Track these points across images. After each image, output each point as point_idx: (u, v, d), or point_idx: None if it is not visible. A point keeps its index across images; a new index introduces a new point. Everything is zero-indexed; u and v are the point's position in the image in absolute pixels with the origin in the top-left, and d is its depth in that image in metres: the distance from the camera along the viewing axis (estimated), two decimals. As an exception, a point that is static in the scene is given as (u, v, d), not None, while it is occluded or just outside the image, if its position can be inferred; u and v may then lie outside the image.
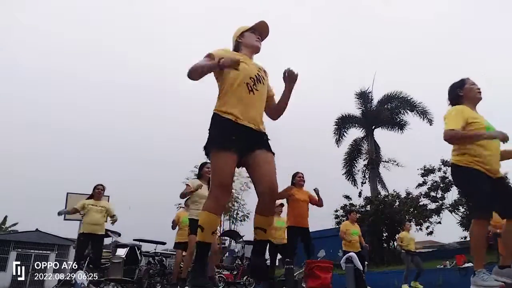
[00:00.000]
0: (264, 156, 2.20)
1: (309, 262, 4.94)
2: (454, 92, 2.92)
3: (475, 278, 2.55)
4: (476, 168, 2.62)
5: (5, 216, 27.01)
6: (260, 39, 2.46)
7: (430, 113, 19.47)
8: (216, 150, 2.11)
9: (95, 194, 6.09)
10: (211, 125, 2.20)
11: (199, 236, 2.14)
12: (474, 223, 2.58)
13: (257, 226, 2.24)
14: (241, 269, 9.59)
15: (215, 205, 2.12)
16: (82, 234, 5.83)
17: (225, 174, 2.09)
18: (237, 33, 2.47)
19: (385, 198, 17.52)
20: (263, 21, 2.44)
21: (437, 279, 8.19)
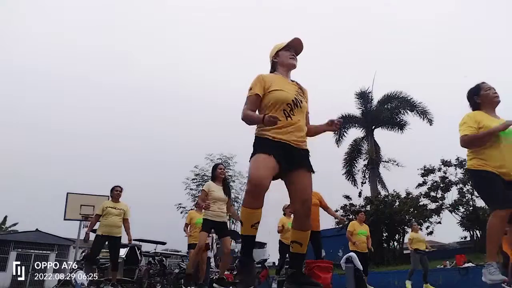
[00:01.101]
0: (303, 175, 2.31)
1: (309, 262, 4.93)
2: (472, 100, 3.00)
3: (485, 269, 2.66)
4: (487, 170, 2.71)
5: (5, 216, 27.05)
6: (295, 56, 2.55)
7: (430, 113, 19.49)
8: (255, 154, 2.24)
9: (113, 195, 6.06)
10: (253, 147, 2.33)
11: (241, 229, 2.26)
12: (492, 215, 2.64)
13: (294, 240, 2.38)
14: (241, 269, 9.58)
15: (250, 199, 2.17)
16: (100, 235, 5.77)
17: (259, 169, 2.14)
18: (272, 53, 2.57)
19: (385, 198, 17.50)
20: (297, 38, 2.54)
21: (437, 279, 8.17)
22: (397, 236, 17.10)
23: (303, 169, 2.32)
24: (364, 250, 6.67)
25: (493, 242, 2.65)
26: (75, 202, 11.45)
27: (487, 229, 2.68)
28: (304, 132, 2.42)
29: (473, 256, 10.92)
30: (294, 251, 2.39)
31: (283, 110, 2.32)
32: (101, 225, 5.81)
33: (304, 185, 2.31)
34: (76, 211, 11.31)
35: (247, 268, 2.34)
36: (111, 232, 5.81)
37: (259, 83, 2.38)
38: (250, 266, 2.37)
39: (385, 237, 17.17)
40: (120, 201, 6.08)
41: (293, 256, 2.43)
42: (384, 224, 16.53)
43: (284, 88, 2.39)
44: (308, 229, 2.40)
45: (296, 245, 2.38)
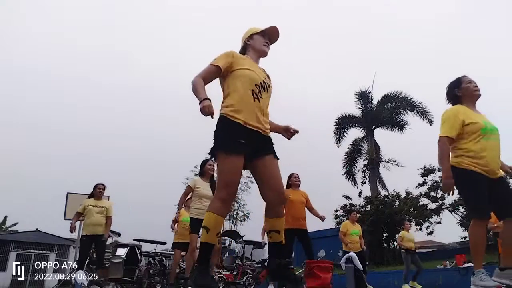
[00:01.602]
0: (271, 162, 2.24)
1: (309, 262, 4.93)
2: (452, 92, 2.92)
3: (474, 278, 2.57)
4: (473, 170, 2.62)
5: (5, 216, 27.07)
6: (268, 44, 2.47)
7: (430, 113, 19.50)
8: (224, 153, 2.12)
9: (96, 193, 6.00)
10: (219, 127, 2.18)
11: (203, 237, 2.15)
12: (473, 224, 2.59)
13: (271, 229, 2.30)
14: (241, 269, 9.59)
15: (221, 206, 2.13)
16: (85, 236, 5.75)
17: (233, 177, 2.11)
18: (246, 34, 2.49)
19: (385, 198, 17.51)
20: (274, 26, 2.46)
21: (437, 279, 8.17)
22: (397, 236, 17.11)
23: (270, 156, 2.25)
24: (357, 249, 6.65)
25: (479, 251, 2.59)
26: (75, 202, 11.40)
27: (470, 238, 2.63)
28: (268, 118, 2.35)
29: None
30: (274, 240, 2.31)
31: (252, 90, 2.22)
32: (84, 225, 5.80)
33: (275, 173, 2.24)
34: (76, 211, 11.28)
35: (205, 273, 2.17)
36: (95, 231, 5.76)
37: (226, 58, 2.26)
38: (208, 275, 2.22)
39: (385, 237, 17.18)
40: (103, 199, 6.05)
41: (275, 246, 2.34)
42: (384, 224, 16.54)
43: (254, 69, 2.30)
44: (283, 215, 2.33)
45: (274, 234, 2.30)
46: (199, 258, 2.22)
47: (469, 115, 2.74)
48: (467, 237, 16.49)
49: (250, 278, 9.02)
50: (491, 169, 2.65)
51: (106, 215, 5.92)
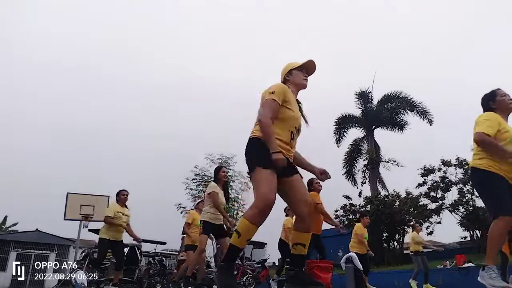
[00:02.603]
0: (298, 179, 2.42)
1: (309, 262, 4.93)
2: (487, 105, 2.99)
3: (484, 272, 2.61)
4: (496, 172, 2.69)
5: (5, 216, 27.07)
6: (306, 78, 2.61)
7: (430, 113, 19.55)
8: (262, 167, 2.23)
9: (121, 199, 5.98)
10: (256, 146, 2.31)
11: (234, 240, 2.25)
12: (500, 219, 2.59)
13: (298, 242, 2.43)
14: (241, 269, 9.59)
15: (258, 217, 2.21)
16: (108, 240, 5.76)
17: (272, 189, 2.21)
18: (285, 70, 2.62)
19: (385, 198, 17.52)
20: (311, 61, 2.59)
21: (437, 279, 8.18)
22: (397, 236, 17.12)
23: (297, 174, 2.42)
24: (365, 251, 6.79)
25: (496, 246, 2.62)
26: (75, 202, 11.44)
27: (490, 233, 2.65)
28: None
29: (473, 256, 10.93)
30: (298, 253, 2.43)
31: (291, 132, 2.41)
32: (108, 229, 5.78)
33: (303, 188, 2.42)
34: (76, 211, 11.30)
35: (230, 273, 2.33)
36: (117, 237, 5.84)
37: (283, 93, 2.39)
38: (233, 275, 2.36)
39: (385, 237, 17.19)
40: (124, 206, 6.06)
41: (297, 257, 2.46)
42: (384, 224, 16.55)
43: (296, 110, 2.47)
44: (311, 231, 2.46)
45: (300, 247, 2.42)
46: (225, 258, 2.33)
47: (504, 124, 2.84)
48: (467, 237, 16.50)
49: (250, 278, 9.02)
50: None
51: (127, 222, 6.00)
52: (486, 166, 2.73)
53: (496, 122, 2.78)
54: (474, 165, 2.83)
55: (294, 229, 2.45)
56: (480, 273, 2.66)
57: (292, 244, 2.46)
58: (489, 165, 2.72)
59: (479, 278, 2.64)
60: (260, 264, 12.61)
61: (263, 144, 2.29)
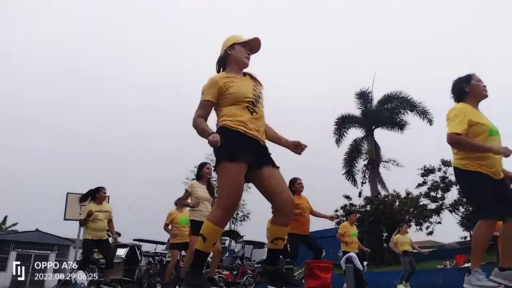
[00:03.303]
0: (275, 172, 2.26)
1: (309, 262, 4.93)
2: (460, 87, 2.84)
3: (470, 277, 2.55)
4: (479, 171, 2.60)
5: (5, 216, 27.07)
6: (249, 56, 2.44)
7: (430, 113, 19.56)
8: (226, 162, 2.11)
9: (99, 197, 5.94)
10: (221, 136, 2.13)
11: (200, 245, 2.16)
12: (481, 224, 2.55)
13: (278, 237, 2.34)
14: (241, 269, 9.59)
15: (222, 217, 2.14)
16: (91, 240, 5.73)
17: (236, 186, 2.12)
18: (227, 43, 2.44)
19: (385, 198, 17.53)
20: (256, 38, 2.43)
21: (437, 279, 8.18)
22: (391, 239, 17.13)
23: (271, 165, 2.26)
24: (356, 250, 6.68)
25: (480, 250, 2.58)
26: (75, 202, 11.40)
27: (473, 237, 2.62)
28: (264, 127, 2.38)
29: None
30: (277, 247, 2.35)
31: (247, 107, 2.25)
32: (89, 229, 5.72)
33: (281, 181, 2.28)
34: (76, 211, 11.26)
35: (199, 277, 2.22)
36: (100, 236, 5.77)
37: (213, 89, 2.27)
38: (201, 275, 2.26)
39: (385, 237, 17.19)
40: (103, 202, 5.99)
41: (276, 252, 2.39)
42: (384, 224, 16.56)
43: (242, 84, 2.32)
44: (289, 225, 2.38)
45: (280, 242, 2.34)
46: (192, 265, 2.23)
47: (476, 115, 2.70)
48: (467, 237, 16.50)
49: (250, 278, 9.03)
50: (496, 171, 2.64)
51: (109, 218, 5.93)
52: (467, 167, 2.64)
53: (467, 116, 2.64)
54: (457, 165, 2.73)
55: (273, 223, 2.33)
56: (465, 279, 2.58)
57: (272, 239, 2.35)
58: (469, 164, 2.63)
59: (465, 284, 2.56)
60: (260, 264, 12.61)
61: (228, 134, 2.15)
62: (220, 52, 2.47)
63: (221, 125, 2.23)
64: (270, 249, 2.39)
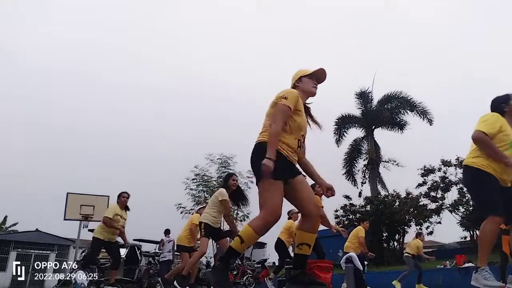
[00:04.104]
0: (303, 180, 2.47)
1: (309, 262, 4.94)
2: (499, 106, 2.96)
3: (477, 274, 2.57)
4: (489, 172, 2.69)
5: (5, 216, 27.08)
6: (316, 85, 2.61)
7: (430, 113, 19.55)
8: (273, 179, 2.24)
9: (121, 202, 5.97)
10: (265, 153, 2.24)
11: (237, 245, 2.32)
12: (489, 220, 2.58)
13: (304, 243, 2.45)
14: (241, 269, 9.60)
15: (263, 228, 2.27)
16: (102, 240, 5.77)
17: (279, 203, 2.26)
18: (295, 77, 2.62)
19: (385, 198, 17.52)
20: (322, 69, 2.60)
21: (437, 279, 8.18)
22: (397, 236, 17.11)
23: (300, 175, 2.48)
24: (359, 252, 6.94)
25: (487, 247, 2.60)
26: (75, 202, 11.46)
27: (481, 235, 2.65)
28: None
29: (473, 256, 10.90)
30: (303, 253, 2.46)
31: (298, 140, 2.42)
32: (104, 230, 5.77)
33: (309, 189, 2.47)
34: (76, 211, 11.32)
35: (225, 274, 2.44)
36: (112, 238, 5.85)
37: (295, 99, 2.39)
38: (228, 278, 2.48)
39: (385, 237, 17.20)
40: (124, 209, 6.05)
41: (301, 257, 2.49)
42: (384, 224, 16.54)
43: (304, 118, 2.48)
44: (316, 231, 2.50)
45: (305, 247, 2.45)
46: (223, 258, 2.41)
47: (506, 127, 2.84)
48: (467, 237, 16.47)
49: (250, 278, 9.03)
50: (505, 179, 2.73)
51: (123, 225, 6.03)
52: (479, 165, 2.72)
53: (499, 123, 2.78)
54: (468, 163, 2.83)
55: (300, 228, 2.47)
56: (473, 276, 2.61)
57: (297, 244, 2.47)
58: (483, 164, 2.71)
59: (472, 282, 2.60)
60: (260, 264, 12.62)
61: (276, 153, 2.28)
62: (291, 86, 2.65)
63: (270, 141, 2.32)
64: (296, 253, 2.51)
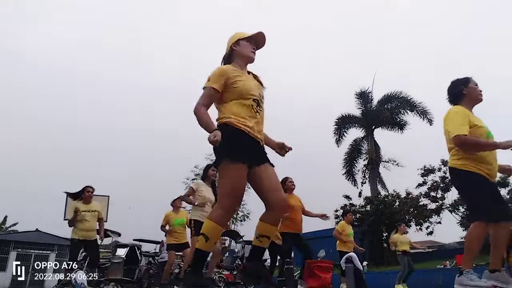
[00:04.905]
0: (270, 170, 2.25)
1: (309, 262, 4.94)
2: (458, 88, 2.86)
3: (462, 277, 2.55)
4: (477, 172, 2.61)
5: (5, 216, 27.07)
6: (255, 50, 2.43)
7: (430, 113, 19.58)
8: (229, 162, 2.09)
9: (85, 197, 5.78)
10: (224, 134, 2.06)
11: (201, 244, 2.14)
12: (477, 225, 2.56)
13: (264, 234, 2.27)
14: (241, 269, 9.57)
15: (223, 215, 2.14)
16: (77, 240, 5.65)
17: (239, 187, 2.12)
18: (232, 40, 2.43)
19: (385, 198, 17.53)
20: (261, 32, 2.42)
21: (437, 279, 8.18)
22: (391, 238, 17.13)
23: (268, 164, 2.26)
24: (351, 249, 6.68)
25: (473, 251, 2.58)
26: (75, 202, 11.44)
27: (468, 237, 2.62)
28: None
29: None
30: (263, 245, 2.28)
31: (251, 106, 2.23)
32: (77, 230, 5.64)
33: (275, 179, 2.27)
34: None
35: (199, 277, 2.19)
36: (88, 236, 5.68)
37: (219, 75, 2.23)
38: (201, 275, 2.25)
39: (385, 237, 17.19)
40: (92, 202, 5.85)
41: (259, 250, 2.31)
42: (384, 224, 16.56)
43: (248, 81, 2.29)
44: (278, 224, 2.37)
45: (265, 240, 2.27)
46: (192, 264, 2.20)
47: (474, 118, 2.73)
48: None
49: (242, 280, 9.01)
50: (493, 173, 2.67)
51: (98, 217, 5.82)
52: (464, 167, 2.64)
53: (467, 118, 2.67)
54: (453, 165, 2.74)
55: (262, 219, 2.26)
56: (456, 279, 2.58)
57: (257, 236, 2.28)
58: (467, 165, 2.63)
59: (456, 285, 2.56)
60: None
61: (231, 132, 2.12)
62: (226, 50, 2.46)
63: (225, 122, 2.18)
64: (254, 245, 2.32)
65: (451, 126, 2.68)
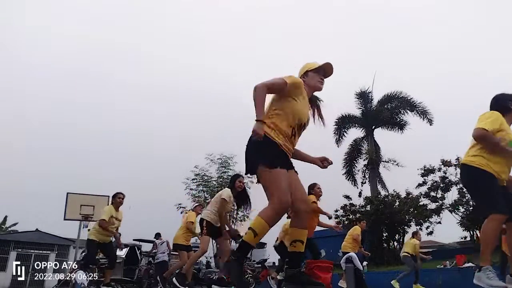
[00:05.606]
0: (295, 175, 2.47)
1: (309, 262, 4.94)
2: (505, 103, 2.95)
3: (481, 273, 2.56)
4: (488, 171, 2.68)
5: (5, 216, 27.09)
6: (322, 80, 2.61)
7: (430, 113, 19.55)
8: (268, 167, 2.24)
9: (116, 203, 5.88)
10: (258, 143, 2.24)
11: (249, 238, 2.26)
12: (491, 218, 2.58)
13: (297, 239, 2.43)
14: (241, 269, 9.56)
15: (274, 218, 2.25)
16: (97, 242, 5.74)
17: (285, 189, 2.23)
18: (301, 71, 2.62)
19: (385, 198, 17.52)
20: (329, 63, 2.59)
21: (437, 279, 8.19)
22: (397, 236, 17.11)
23: (293, 170, 2.47)
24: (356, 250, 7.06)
25: (490, 246, 2.60)
26: (75, 202, 11.44)
27: (483, 233, 2.64)
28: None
29: (473, 256, 10.93)
30: (298, 250, 2.43)
31: (292, 128, 2.39)
32: (99, 232, 5.73)
33: (300, 185, 2.46)
34: (76, 211, 11.30)
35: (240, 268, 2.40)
36: (106, 240, 5.83)
37: (295, 84, 2.39)
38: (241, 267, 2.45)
39: (385, 237, 17.20)
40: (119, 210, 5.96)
41: (296, 255, 2.46)
42: (384, 224, 16.55)
43: (304, 108, 2.46)
44: (307, 227, 2.49)
45: (299, 244, 2.42)
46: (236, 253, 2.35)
47: (506, 125, 2.83)
48: (467, 237, 16.44)
49: (250, 278, 9.03)
50: (503, 179, 2.74)
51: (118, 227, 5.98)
52: (479, 164, 2.71)
53: (499, 121, 2.76)
54: (467, 162, 2.81)
55: (292, 226, 2.46)
56: (475, 275, 2.60)
57: (290, 242, 2.46)
58: (482, 164, 2.70)
59: (475, 280, 2.59)
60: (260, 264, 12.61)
61: (269, 141, 2.28)
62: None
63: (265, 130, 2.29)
64: (290, 251, 2.49)
65: (479, 121, 2.77)
